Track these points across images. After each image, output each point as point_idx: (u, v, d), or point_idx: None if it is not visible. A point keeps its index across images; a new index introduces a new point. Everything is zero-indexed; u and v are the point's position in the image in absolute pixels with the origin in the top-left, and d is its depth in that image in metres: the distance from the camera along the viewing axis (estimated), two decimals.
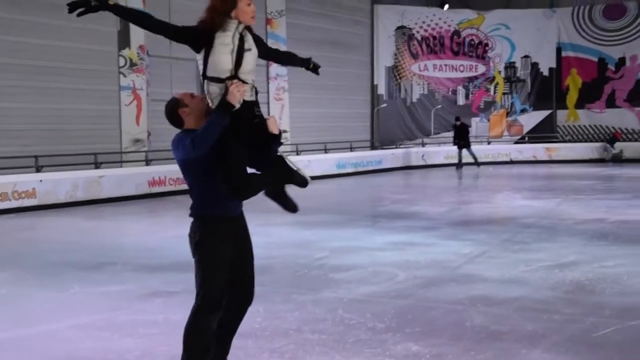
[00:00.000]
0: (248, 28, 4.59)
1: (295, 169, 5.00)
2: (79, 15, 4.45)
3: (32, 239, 12.44)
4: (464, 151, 27.95)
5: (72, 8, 4.45)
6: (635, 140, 30.26)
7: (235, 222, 4.74)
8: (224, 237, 4.65)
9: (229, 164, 4.57)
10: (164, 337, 6.17)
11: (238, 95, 4.47)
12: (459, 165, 27.91)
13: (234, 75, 4.47)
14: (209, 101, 4.51)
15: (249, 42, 4.57)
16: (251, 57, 4.59)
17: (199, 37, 4.48)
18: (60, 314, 7.10)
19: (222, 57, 4.46)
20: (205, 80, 4.55)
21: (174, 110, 4.69)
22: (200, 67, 4.56)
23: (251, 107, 4.63)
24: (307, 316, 6.81)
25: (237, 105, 4.44)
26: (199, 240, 4.71)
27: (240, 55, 4.50)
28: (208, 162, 4.65)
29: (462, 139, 27.73)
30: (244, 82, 4.50)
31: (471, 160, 28.04)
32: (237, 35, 4.48)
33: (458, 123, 27.83)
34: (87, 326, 6.65)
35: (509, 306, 7.18)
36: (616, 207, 15.08)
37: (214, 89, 4.47)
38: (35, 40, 18.16)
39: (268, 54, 5.07)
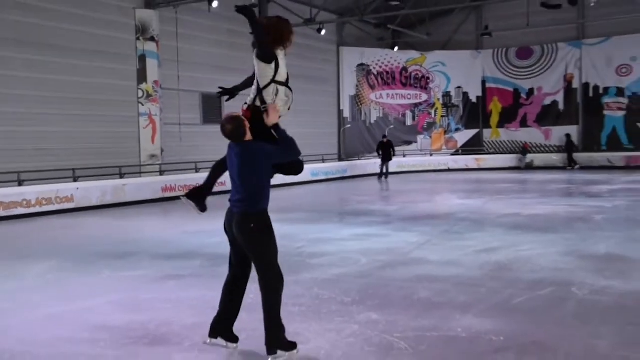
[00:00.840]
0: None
1: None
2: (227, 100, 5.22)
3: (71, 235, 12.37)
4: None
5: (221, 94, 5.18)
6: (542, 152, 30.57)
7: None
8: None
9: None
10: (176, 311, 6.21)
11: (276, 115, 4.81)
12: (382, 175, 26.18)
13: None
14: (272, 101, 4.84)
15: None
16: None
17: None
18: (95, 293, 7.10)
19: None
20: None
21: (242, 126, 4.65)
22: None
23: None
24: (290, 293, 6.76)
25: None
26: (261, 230, 4.71)
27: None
28: (271, 166, 4.81)
29: (386, 153, 25.96)
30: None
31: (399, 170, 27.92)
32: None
33: (385, 140, 26.51)
34: (115, 302, 6.67)
35: (447, 282, 7.22)
36: (528, 204, 15.16)
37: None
38: (72, 78, 18.05)
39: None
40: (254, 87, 4.90)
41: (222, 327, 4.88)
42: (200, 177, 18.42)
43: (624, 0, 25.07)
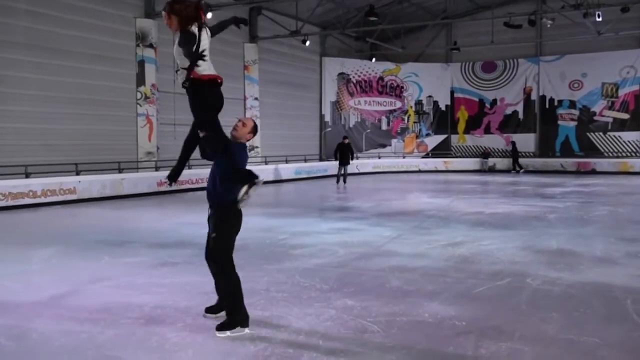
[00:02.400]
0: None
1: None
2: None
3: (74, 224, 12.27)
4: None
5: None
6: (504, 156, 30.78)
7: None
8: None
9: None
10: (170, 295, 6.19)
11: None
12: (339, 178, 22.14)
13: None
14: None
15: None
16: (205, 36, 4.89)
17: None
18: (95, 277, 7.05)
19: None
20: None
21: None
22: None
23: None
24: (273, 280, 6.82)
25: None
26: None
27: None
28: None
29: (344, 157, 21.91)
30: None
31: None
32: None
33: (345, 142, 22.28)
34: (115, 286, 6.64)
35: (416, 273, 7.23)
36: (490, 204, 15.21)
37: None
38: (76, 80, 17.89)
39: (214, 31, 5.12)
40: (181, 66, 4.90)
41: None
42: (193, 174, 18.51)
43: (576, 23, 25.35)
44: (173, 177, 5.30)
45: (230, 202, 4.89)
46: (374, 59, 30.84)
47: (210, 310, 5.29)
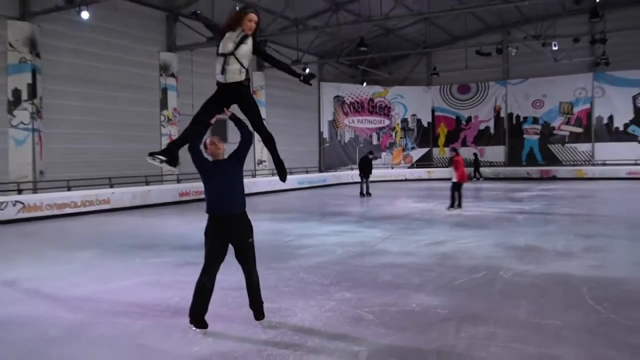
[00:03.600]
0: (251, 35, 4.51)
1: None
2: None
3: (109, 230, 12.27)
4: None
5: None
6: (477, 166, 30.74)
7: None
8: None
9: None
10: (191, 291, 6.02)
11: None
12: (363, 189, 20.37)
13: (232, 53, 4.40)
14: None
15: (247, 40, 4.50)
16: (246, 47, 4.48)
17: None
18: (128, 276, 7.07)
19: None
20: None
21: None
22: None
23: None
24: (281, 277, 6.81)
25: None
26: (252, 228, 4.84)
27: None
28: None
29: (366, 170, 20.48)
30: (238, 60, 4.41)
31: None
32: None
33: (370, 157, 20.85)
34: (144, 283, 6.65)
35: (405, 268, 7.22)
36: (467, 207, 15.02)
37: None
38: (110, 106, 17.97)
39: (266, 57, 4.75)
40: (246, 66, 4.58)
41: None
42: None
43: (536, 51, 25.61)
44: (170, 154, 4.94)
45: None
46: (365, 83, 30.90)
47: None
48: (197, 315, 4.68)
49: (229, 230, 4.65)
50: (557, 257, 7.80)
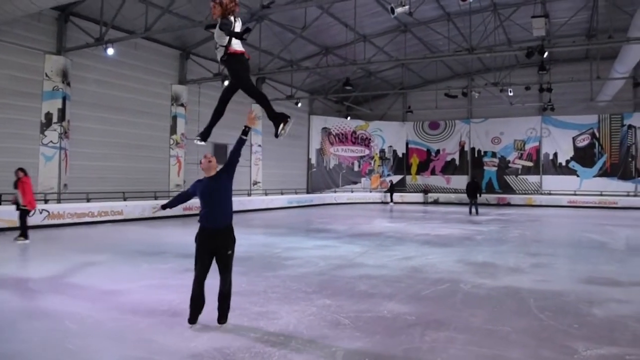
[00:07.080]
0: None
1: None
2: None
3: (121, 238, 12.15)
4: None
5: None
6: (445, 192, 30.92)
7: None
8: None
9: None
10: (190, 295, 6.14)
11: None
12: (471, 209, 20.89)
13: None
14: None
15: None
16: (215, 30, 4.50)
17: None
18: (136, 279, 6.99)
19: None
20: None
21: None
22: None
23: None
24: (269, 284, 6.77)
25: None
26: (234, 240, 4.76)
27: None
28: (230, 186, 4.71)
29: (473, 192, 20.92)
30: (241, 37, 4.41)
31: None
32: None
33: (475, 180, 21.32)
34: (151, 286, 6.58)
35: (379, 279, 7.20)
36: (435, 227, 15.19)
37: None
38: (126, 130, 17.93)
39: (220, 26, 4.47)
40: (220, 44, 4.53)
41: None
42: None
43: (496, 96, 26.22)
44: (204, 135, 4.99)
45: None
46: (349, 118, 31.12)
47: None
48: (193, 315, 4.77)
49: (213, 242, 4.74)
50: (508, 272, 7.84)
